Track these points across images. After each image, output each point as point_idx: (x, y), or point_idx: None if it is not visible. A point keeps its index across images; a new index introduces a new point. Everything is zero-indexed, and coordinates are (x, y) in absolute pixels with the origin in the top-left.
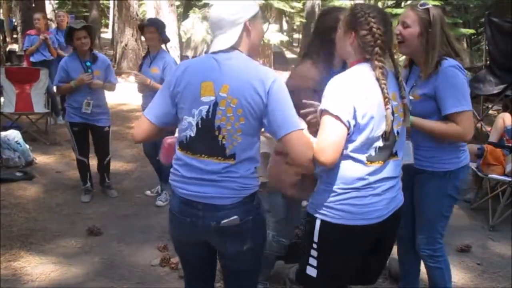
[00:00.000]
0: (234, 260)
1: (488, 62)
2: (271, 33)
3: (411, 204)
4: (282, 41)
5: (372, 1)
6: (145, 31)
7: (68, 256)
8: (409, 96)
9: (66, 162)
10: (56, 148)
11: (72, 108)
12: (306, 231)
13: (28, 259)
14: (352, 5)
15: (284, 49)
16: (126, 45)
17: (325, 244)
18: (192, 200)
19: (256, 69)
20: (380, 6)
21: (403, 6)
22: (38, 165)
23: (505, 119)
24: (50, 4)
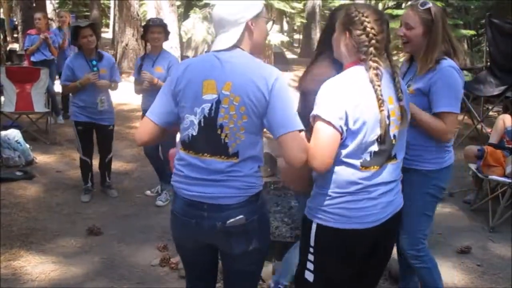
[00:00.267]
0: (239, 261)
1: (489, 64)
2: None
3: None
4: (283, 42)
5: (373, 2)
6: (153, 31)
7: (68, 256)
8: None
9: (66, 162)
10: (56, 148)
11: (78, 107)
12: (303, 235)
13: (28, 259)
14: (347, 6)
15: (285, 50)
16: (127, 45)
17: (322, 248)
18: (197, 201)
19: (259, 67)
20: (381, 7)
21: (404, 7)
22: (38, 165)
23: (505, 121)
24: (51, 4)
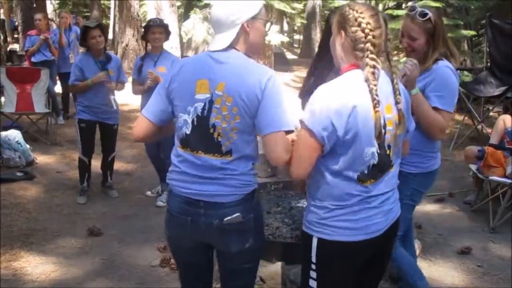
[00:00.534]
0: (235, 259)
1: (489, 64)
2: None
3: None
4: (283, 42)
5: (373, 2)
6: (153, 31)
7: (69, 256)
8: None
9: (67, 162)
10: (57, 148)
11: (83, 107)
12: (303, 252)
13: (29, 259)
14: (342, 6)
15: (285, 50)
16: (127, 46)
17: (324, 263)
18: (193, 199)
19: (253, 68)
20: (381, 8)
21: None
22: (39, 165)
23: (506, 121)
24: (51, 4)
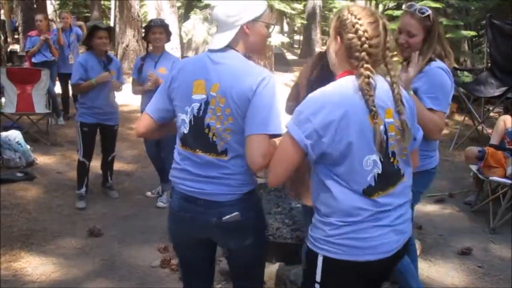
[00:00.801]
0: (238, 255)
1: (489, 65)
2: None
3: None
4: (283, 43)
5: (373, 3)
6: (155, 31)
7: (69, 257)
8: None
9: (67, 163)
10: (57, 149)
11: (86, 108)
12: (307, 270)
13: (29, 260)
14: (341, 9)
15: (285, 51)
16: (127, 46)
17: (329, 283)
18: (193, 196)
19: (248, 69)
20: (381, 9)
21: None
22: (39, 166)
23: (506, 122)
24: (52, 5)
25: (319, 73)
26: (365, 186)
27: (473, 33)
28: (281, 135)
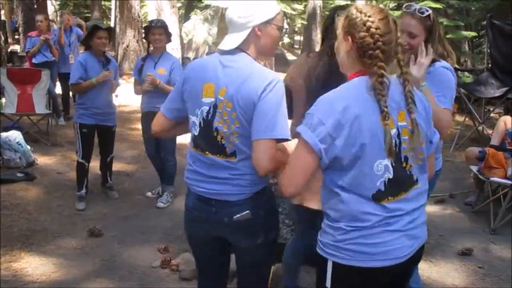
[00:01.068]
0: (248, 253)
1: (490, 65)
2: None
3: None
4: (284, 43)
5: (373, 3)
6: (154, 32)
7: (69, 257)
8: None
9: (67, 163)
10: (57, 149)
11: (85, 109)
12: (317, 274)
13: (29, 260)
14: (348, 8)
15: (285, 51)
16: (128, 46)
17: None
18: (205, 197)
19: (255, 73)
20: None
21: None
22: (39, 166)
23: (507, 122)
24: (52, 5)
25: (324, 73)
26: (374, 191)
27: (474, 34)
28: (288, 140)
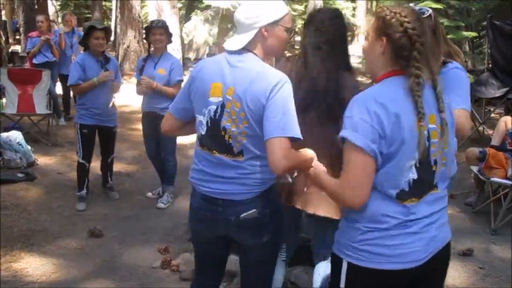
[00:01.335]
0: (254, 251)
1: (490, 65)
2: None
3: None
4: None
5: (374, 3)
6: (155, 33)
7: (69, 258)
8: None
9: (68, 164)
10: (58, 149)
11: (85, 110)
12: (331, 275)
13: (29, 260)
14: (378, 10)
15: (286, 51)
16: (128, 47)
17: None
18: (212, 197)
19: (263, 73)
20: None
21: None
22: (40, 166)
23: (507, 123)
24: (53, 6)
25: (297, 74)
26: (398, 190)
27: (474, 34)
28: (300, 139)
